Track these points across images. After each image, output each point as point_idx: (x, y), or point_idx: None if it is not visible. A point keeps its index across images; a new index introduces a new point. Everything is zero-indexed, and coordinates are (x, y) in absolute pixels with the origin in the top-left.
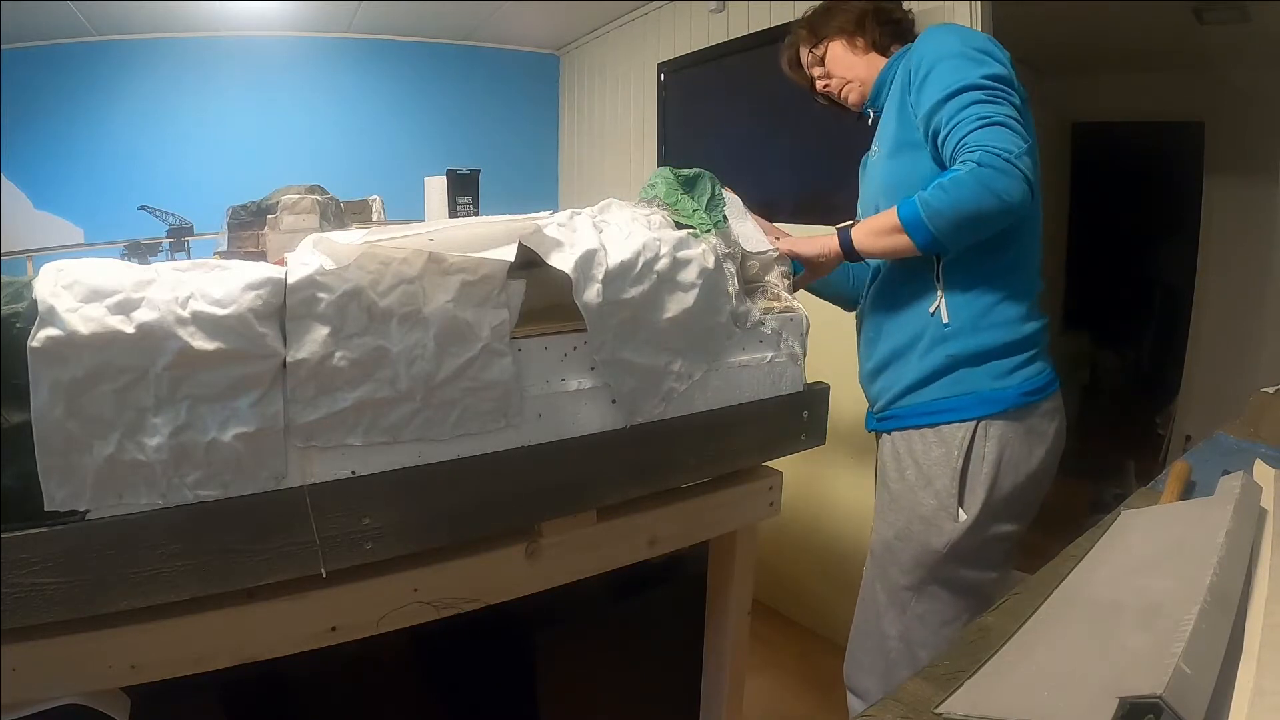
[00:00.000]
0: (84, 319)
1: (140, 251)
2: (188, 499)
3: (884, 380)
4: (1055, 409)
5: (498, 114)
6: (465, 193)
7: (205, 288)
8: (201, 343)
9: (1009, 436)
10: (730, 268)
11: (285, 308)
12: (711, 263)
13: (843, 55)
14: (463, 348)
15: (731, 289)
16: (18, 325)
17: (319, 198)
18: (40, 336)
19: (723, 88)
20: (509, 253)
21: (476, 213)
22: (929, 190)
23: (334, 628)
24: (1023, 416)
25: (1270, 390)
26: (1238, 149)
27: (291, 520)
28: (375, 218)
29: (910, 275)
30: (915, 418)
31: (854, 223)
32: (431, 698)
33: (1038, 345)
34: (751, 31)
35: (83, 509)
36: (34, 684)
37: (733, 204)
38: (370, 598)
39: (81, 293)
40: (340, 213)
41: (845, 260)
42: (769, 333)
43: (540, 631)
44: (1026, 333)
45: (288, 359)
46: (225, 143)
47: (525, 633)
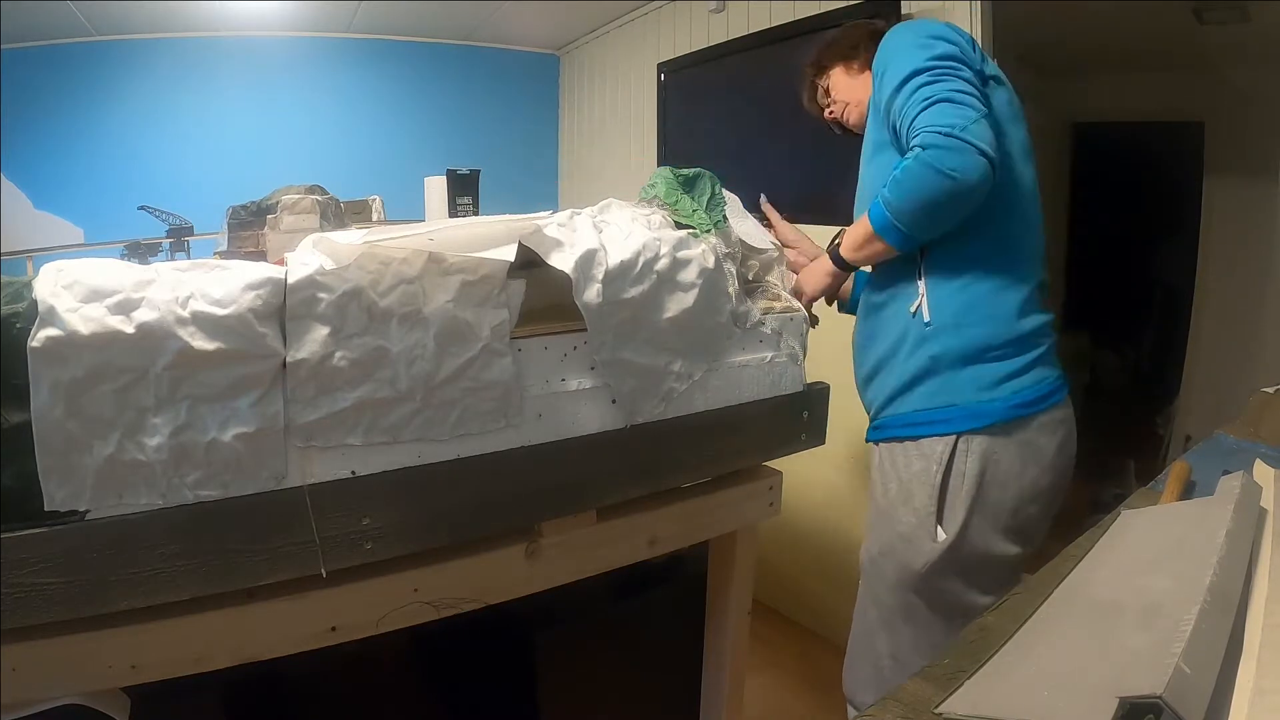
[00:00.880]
0: (84, 319)
1: (140, 251)
2: (188, 499)
3: (873, 388)
4: (1057, 422)
5: (498, 114)
6: (465, 193)
7: (205, 288)
8: (201, 343)
9: (994, 452)
10: (730, 268)
11: (285, 308)
12: (711, 263)
13: (842, 80)
14: (463, 348)
15: (731, 289)
16: (18, 325)
17: (319, 198)
18: (40, 336)
19: (723, 88)
20: (509, 253)
21: (476, 213)
22: (887, 188)
23: (334, 628)
24: (1012, 430)
25: (1270, 390)
26: (1238, 149)
27: (291, 520)
28: (375, 218)
29: (894, 276)
30: (898, 428)
31: (838, 240)
32: (431, 698)
33: (1037, 347)
34: (751, 31)
35: (83, 509)
36: (34, 684)
37: (733, 204)
38: (370, 598)
39: (81, 293)
40: (340, 213)
41: (845, 272)
42: (769, 333)
43: (540, 631)
44: (1022, 330)
45: (288, 359)
46: (225, 143)
47: (525, 633)
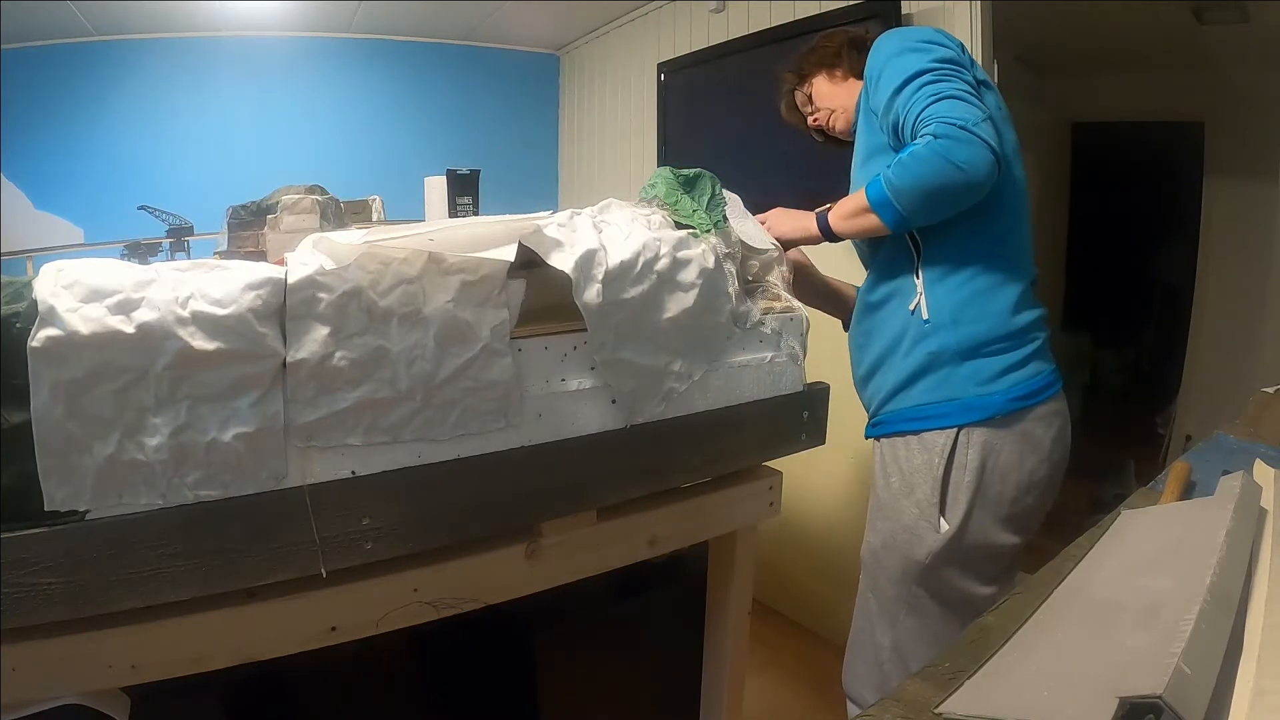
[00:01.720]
0: (84, 319)
1: (140, 251)
2: (188, 499)
3: (872, 386)
4: (1053, 413)
5: (498, 114)
6: (465, 193)
7: (205, 288)
8: (201, 343)
9: (995, 443)
10: (730, 268)
11: (285, 308)
12: (711, 263)
13: (825, 87)
14: (463, 348)
15: (731, 289)
16: (18, 325)
17: (319, 198)
18: (40, 336)
19: (723, 88)
20: (509, 253)
21: (476, 213)
22: (891, 168)
23: (334, 628)
24: (1011, 422)
25: (1270, 390)
26: (1238, 149)
27: (291, 520)
28: (375, 218)
29: (891, 275)
30: (899, 423)
31: (831, 206)
32: (431, 698)
33: (1033, 341)
34: (751, 31)
35: (83, 509)
36: (34, 684)
37: (733, 204)
38: (370, 598)
39: (81, 293)
40: (340, 213)
41: (825, 241)
42: (769, 333)
43: (540, 631)
44: (1018, 325)
45: (288, 359)
46: (225, 143)
47: (525, 633)
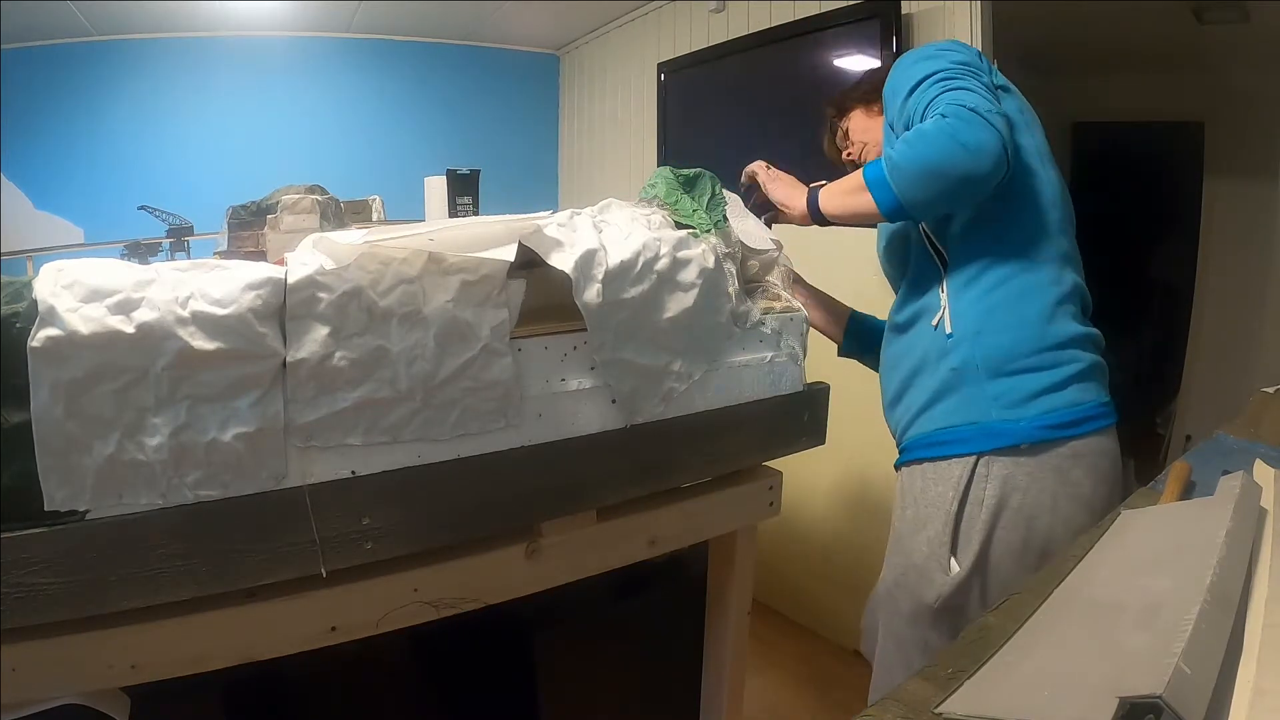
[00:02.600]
0: (84, 319)
1: (140, 251)
2: (188, 499)
3: (899, 410)
4: (1098, 452)
5: (498, 114)
6: (465, 193)
7: (205, 288)
8: (201, 343)
9: (1019, 478)
10: (730, 268)
11: (285, 308)
12: (711, 263)
13: (861, 121)
14: (463, 348)
15: (731, 289)
16: (18, 325)
17: (319, 198)
18: (40, 336)
19: (723, 88)
20: (509, 253)
21: (476, 213)
22: (895, 146)
23: (334, 628)
24: (1041, 455)
25: (1270, 390)
26: (1238, 149)
27: (291, 520)
28: (375, 218)
29: (919, 292)
30: (919, 449)
31: (824, 184)
32: (431, 698)
33: (1075, 362)
34: (751, 31)
35: (83, 509)
36: (34, 684)
37: (733, 204)
38: (370, 598)
39: (81, 293)
40: (340, 213)
41: (812, 223)
42: (769, 333)
43: (540, 631)
44: (1053, 339)
45: (288, 359)
46: (225, 143)
47: (525, 633)
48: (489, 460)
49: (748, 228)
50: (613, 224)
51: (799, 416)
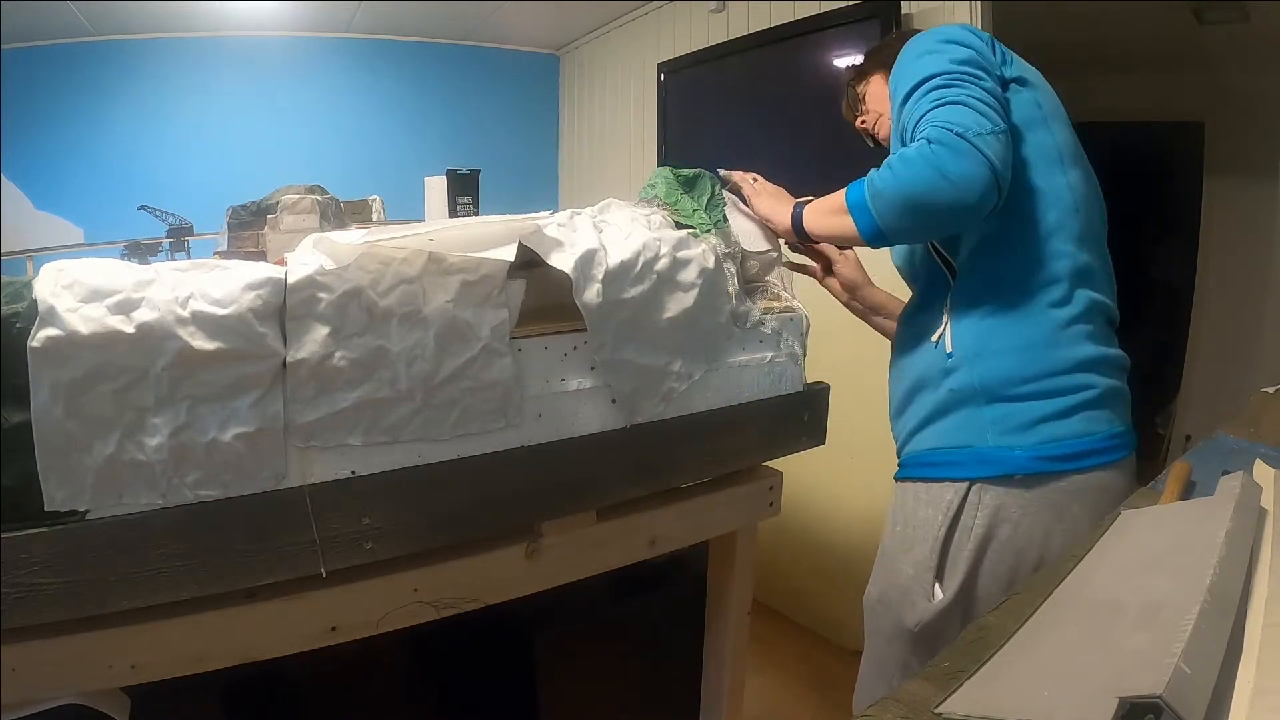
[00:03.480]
0: (84, 319)
1: (140, 251)
2: (188, 499)
3: (899, 424)
4: (1099, 489)
5: (497, 114)
6: (465, 193)
7: (205, 288)
8: (201, 343)
9: (1010, 509)
10: (730, 268)
11: (285, 308)
12: (711, 263)
13: (879, 88)
14: (463, 348)
15: (731, 289)
16: (18, 325)
17: (319, 198)
18: (40, 336)
19: (723, 88)
20: (509, 253)
21: (476, 213)
22: (879, 169)
23: (334, 628)
24: (1034, 487)
25: (1270, 390)
26: (1238, 149)
27: (291, 520)
28: (375, 218)
29: (926, 301)
30: (914, 467)
31: (810, 200)
32: (431, 698)
33: (1087, 389)
34: (751, 31)
35: (83, 509)
36: (34, 684)
37: (732, 203)
38: (370, 598)
39: (81, 293)
40: (340, 213)
41: (797, 240)
42: (769, 333)
43: (540, 631)
44: (1062, 363)
45: (288, 359)
46: (225, 143)
47: (525, 633)
48: (489, 460)
49: (748, 228)
50: (613, 224)
51: (799, 416)
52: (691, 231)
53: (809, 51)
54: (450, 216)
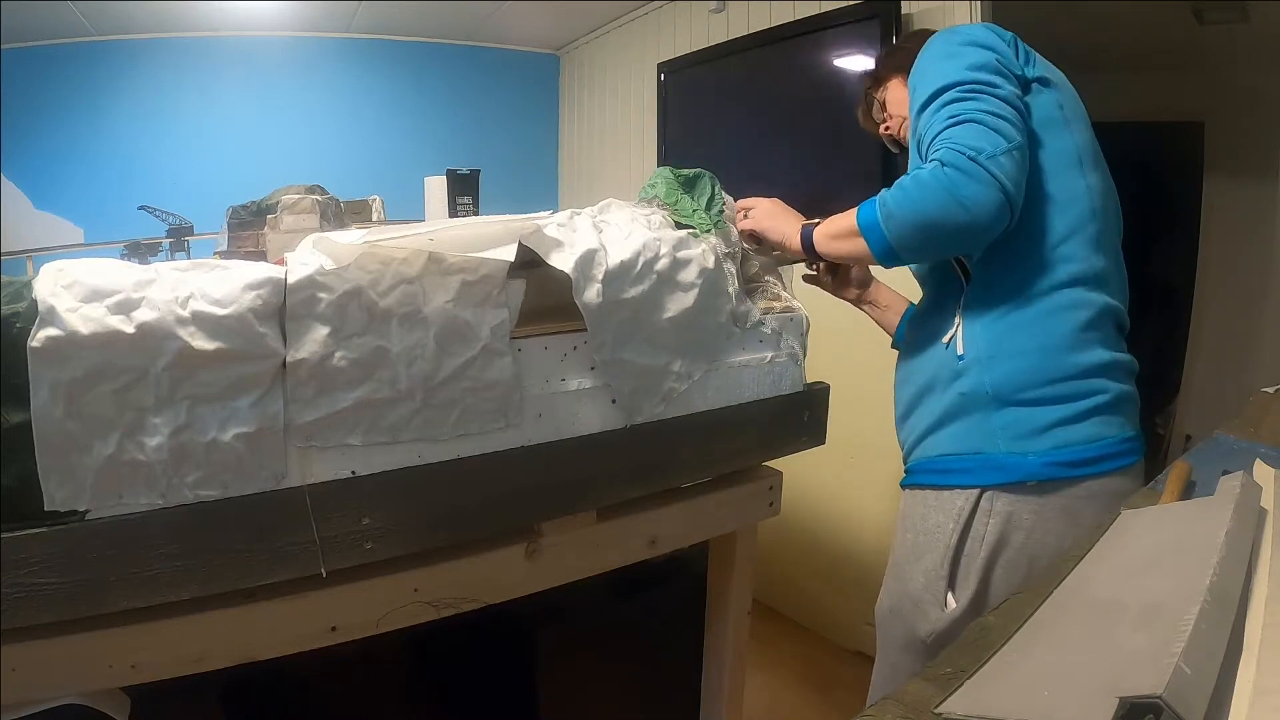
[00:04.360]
0: (84, 319)
1: (140, 251)
2: (188, 499)
3: (906, 429)
4: (1114, 493)
5: (498, 114)
6: (465, 193)
7: (205, 288)
8: (201, 343)
9: (1024, 516)
10: (730, 268)
11: (285, 308)
12: (711, 263)
13: (899, 93)
14: (463, 348)
15: (731, 289)
16: (18, 325)
17: (319, 198)
18: (40, 336)
19: (723, 88)
20: (509, 253)
21: (476, 213)
22: (890, 190)
23: (334, 628)
24: (1049, 494)
25: (1270, 390)
26: (1238, 149)
27: (291, 520)
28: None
29: (937, 303)
30: (923, 474)
31: (819, 221)
32: (431, 698)
33: (1099, 393)
34: (751, 31)
35: (83, 509)
36: (34, 684)
37: (732, 204)
38: (370, 598)
39: (81, 293)
40: (340, 213)
41: (804, 254)
42: (769, 333)
43: (540, 631)
44: (1074, 368)
45: (288, 359)
46: (225, 143)
47: (525, 633)
48: (489, 460)
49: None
50: (613, 224)
51: (799, 416)
52: (691, 231)
53: (809, 51)
54: (450, 216)
